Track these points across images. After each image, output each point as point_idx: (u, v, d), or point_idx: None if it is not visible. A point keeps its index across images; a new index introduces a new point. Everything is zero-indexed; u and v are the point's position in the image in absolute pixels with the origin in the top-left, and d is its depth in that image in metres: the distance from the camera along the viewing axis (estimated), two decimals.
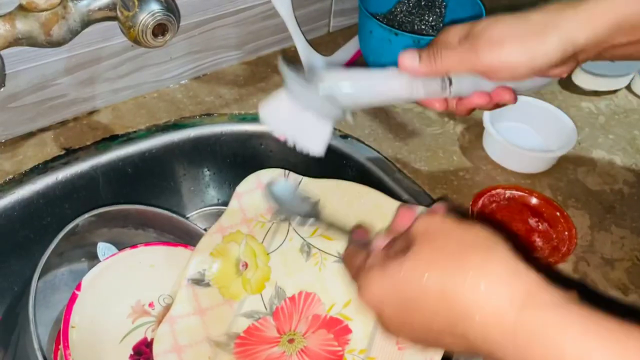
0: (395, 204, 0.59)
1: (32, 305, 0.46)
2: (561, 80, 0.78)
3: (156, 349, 0.51)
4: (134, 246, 0.58)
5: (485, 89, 0.48)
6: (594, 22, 0.44)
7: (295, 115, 0.47)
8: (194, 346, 0.51)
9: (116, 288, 0.56)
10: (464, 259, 0.35)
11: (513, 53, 0.44)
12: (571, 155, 0.69)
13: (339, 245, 0.58)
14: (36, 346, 0.44)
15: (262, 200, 0.61)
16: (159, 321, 0.55)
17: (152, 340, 0.54)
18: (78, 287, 0.53)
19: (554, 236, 0.60)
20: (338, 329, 0.53)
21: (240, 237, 0.58)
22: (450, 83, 0.47)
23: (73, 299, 0.52)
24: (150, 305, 0.58)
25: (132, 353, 0.55)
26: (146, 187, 0.69)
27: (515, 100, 0.49)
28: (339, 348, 0.51)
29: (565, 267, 0.57)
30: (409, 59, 0.46)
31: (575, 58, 0.46)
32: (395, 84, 0.48)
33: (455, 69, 0.46)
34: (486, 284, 0.33)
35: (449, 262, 0.35)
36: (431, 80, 0.47)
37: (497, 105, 0.50)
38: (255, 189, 0.61)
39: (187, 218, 0.64)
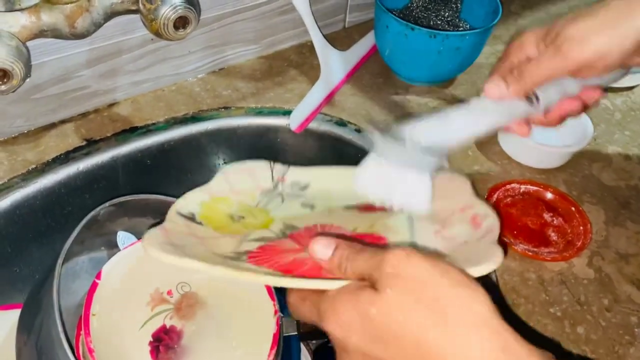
0: None
1: (56, 290, 0.48)
2: None
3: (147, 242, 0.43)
4: None
5: (572, 92, 0.47)
6: None
7: (393, 177, 0.44)
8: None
9: (135, 276, 0.57)
10: (442, 311, 0.32)
11: (602, 42, 0.43)
12: (586, 151, 0.69)
13: (340, 197, 0.51)
14: (60, 328, 0.45)
15: (251, 183, 0.54)
16: (178, 309, 0.56)
17: (170, 327, 0.55)
18: (98, 276, 0.54)
19: (569, 231, 0.60)
20: (368, 241, 0.44)
21: (230, 202, 0.52)
22: (537, 98, 0.45)
23: (93, 287, 0.53)
24: (169, 293, 0.59)
25: (151, 340, 0.56)
26: (164, 179, 0.70)
27: (602, 95, 0.48)
28: None
29: (580, 261, 0.58)
30: (494, 87, 0.44)
31: None
32: (484, 119, 0.45)
33: (547, 78, 0.45)
34: (463, 339, 0.31)
35: (426, 312, 0.32)
36: (516, 102, 0.45)
37: (587, 107, 0.48)
38: (242, 171, 0.54)
39: None
